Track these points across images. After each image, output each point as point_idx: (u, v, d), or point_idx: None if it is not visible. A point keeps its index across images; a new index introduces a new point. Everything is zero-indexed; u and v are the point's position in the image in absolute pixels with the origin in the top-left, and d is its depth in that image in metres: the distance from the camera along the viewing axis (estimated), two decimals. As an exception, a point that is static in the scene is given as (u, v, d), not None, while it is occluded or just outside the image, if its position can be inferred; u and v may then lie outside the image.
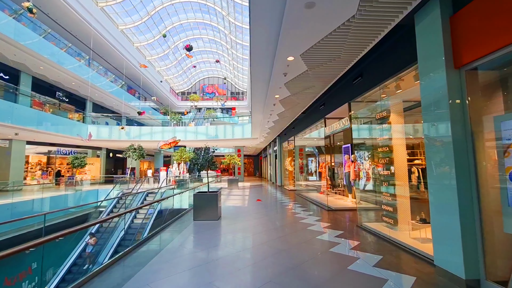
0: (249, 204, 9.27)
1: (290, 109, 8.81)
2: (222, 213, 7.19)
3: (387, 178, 5.01)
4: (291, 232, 5.23)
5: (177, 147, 18.23)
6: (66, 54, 17.12)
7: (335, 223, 5.91)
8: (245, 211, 7.86)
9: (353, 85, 5.67)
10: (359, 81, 5.39)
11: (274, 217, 6.91)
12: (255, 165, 39.99)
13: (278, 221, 6.33)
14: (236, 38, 28.81)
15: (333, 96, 7.12)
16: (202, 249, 4.23)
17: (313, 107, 9.01)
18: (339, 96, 6.69)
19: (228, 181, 15.40)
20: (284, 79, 5.94)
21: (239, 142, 21.06)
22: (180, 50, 36.08)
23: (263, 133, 15.70)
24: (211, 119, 28.33)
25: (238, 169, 22.49)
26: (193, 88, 48.31)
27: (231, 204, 9.23)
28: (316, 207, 8.28)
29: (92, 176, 23.07)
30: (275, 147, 19.04)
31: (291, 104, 8.24)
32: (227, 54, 36.39)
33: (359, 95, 5.45)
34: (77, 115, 22.79)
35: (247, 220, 6.51)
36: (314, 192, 12.82)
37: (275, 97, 7.44)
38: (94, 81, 20.84)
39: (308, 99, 7.69)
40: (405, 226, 4.77)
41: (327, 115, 7.75)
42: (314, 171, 16.89)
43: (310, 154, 18.32)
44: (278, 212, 7.65)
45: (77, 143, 20.47)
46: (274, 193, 13.08)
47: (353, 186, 8.30)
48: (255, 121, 12.43)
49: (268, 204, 9.37)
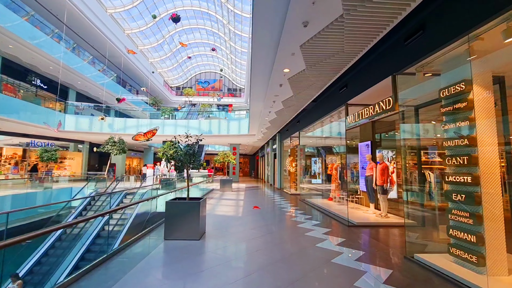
0: (244, 212, 7.38)
1: (299, 93, 6.94)
2: (207, 228, 5.29)
3: (463, 187, 3.15)
4: (309, 267, 3.36)
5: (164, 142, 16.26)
6: (40, 32, 15.02)
7: (370, 251, 4.04)
8: (239, 224, 5.96)
9: (404, 46, 3.80)
10: (417, 38, 3.53)
11: (279, 236, 5.03)
12: (251, 165, 38.10)
13: (285, 244, 4.44)
14: (235, 28, 26.93)
15: (364, 71, 5.26)
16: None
17: (327, 93, 7.16)
18: (374, 70, 4.84)
19: (221, 182, 13.48)
20: (300, 36, 4.07)
21: (234, 139, 19.15)
22: (175, 41, 34.04)
23: (261, 128, 13.82)
24: (206, 115, 26.34)
25: (233, 169, 20.57)
26: (188, 83, 46.25)
27: (221, 213, 7.32)
28: (330, 220, 6.42)
29: (72, 172, 20.95)
30: (274, 145, 17.18)
31: (303, 85, 6.36)
32: (224, 47, 34.45)
33: (416, 60, 3.59)
34: (59, 104, 20.72)
35: (241, 240, 4.62)
36: (320, 197, 10.98)
37: (283, 73, 5.56)
38: (77, 68, 18.78)
39: (327, 75, 5.81)
40: (498, 268, 2.93)
41: (351, 100, 5.90)
42: (318, 173, 15.08)
43: (311, 154, 16.50)
44: (283, 228, 5.76)
45: (55, 135, 18.36)
46: (273, 198, 11.19)
47: (380, 194, 6.46)
48: (253, 112, 10.54)
49: (268, 213, 7.47)
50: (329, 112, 7.04)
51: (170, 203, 4.58)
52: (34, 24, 14.92)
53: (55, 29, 16.06)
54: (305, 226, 5.72)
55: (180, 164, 4.84)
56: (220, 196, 11.44)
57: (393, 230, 5.44)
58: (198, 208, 4.55)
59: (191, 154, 4.86)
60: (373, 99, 5.71)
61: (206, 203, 9.57)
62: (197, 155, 4.92)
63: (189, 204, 4.58)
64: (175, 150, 4.80)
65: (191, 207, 4.56)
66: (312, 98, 7.39)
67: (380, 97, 5.24)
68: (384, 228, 5.56)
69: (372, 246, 4.33)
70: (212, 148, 32.68)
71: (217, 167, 36.21)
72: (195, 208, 4.55)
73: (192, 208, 4.55)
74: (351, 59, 4.96)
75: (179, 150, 4.77)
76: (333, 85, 6.52)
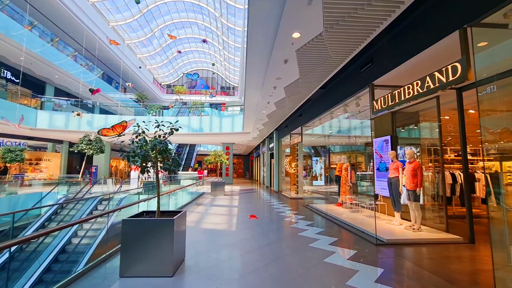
0: (238, 224, 5.91)
1: (308, 74, 5.51)
2: (188, 252, 3.80)
3: None
4: None
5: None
6: (5, 16, 13.25)
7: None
8: (232, 244, 4.50)
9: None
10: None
11: (288, 265, 3.58)
12: (245, 165, 36.60)
13: (300, 281, 3.00)
14: (228, 21, 25.47)
15: (403, 35, 3.89)
16: None
17: (342, 74, 5.78)
18: (424, 28, 3.46)
19: (212, 184, 11.96)
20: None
21: (228, 137, 17.66)
22: (164, 36, 32.32)
23: (257, 125, 12.38)
24: (198, 112, 24.71)
25: (226, 170, 19.05)
26: (179, 81, 44.48)
27: (210, 225, 5.83)
28: (349, 235, 5.01)
29: (49, 175, 19.06)
30: (271, 144, 15.76)
31: (314, 61, 4.94)
32: (217, 43, 32.92)
33: None
34: (34, 100, 18.84)
35: (236, 277, 3.16)
36: (323, 201, 9.57)
37: (291, 40, 4.12)
38: (53, 60, 16.98)
39: (348, 45, 4.39)
40: None
41: (378, 80, 4.52)
42: (320, 174, 13.74)
43: (306, 154, 15.18)
44: (291, 249, 4.32)
45: (28, 133, 16.50)
46: (271, 203, 9.75)
47: (411, 200, 5.10)
48: (249, 105, 9.09)
49: (269, 225, 6.02)
50: (345, 99, 5.65)
51: (128, 222, 3.09)
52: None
53: (23, 13, 14.23)
54: (320, 245, 4.29)
55: (146, 164, 3.37)
56: (211, 201, 9.93)
57: (439, 249, 4.07)
58: (171, 229, 3.08)
59: (162, 150, 3.39)
60: (405, 78, 4.36)
61: (194, 211, 8.10)
62: (169, 151, 3.44)
63: (158, 224, 3.09)
64: (140, 145, 3.31)
65: (161, 227, 3.08)
66: (322, 82, 5.97)
67: (415, 75, 3.89)
68: (427, 248, 4.18)
69: (421, 282, 2.92)
70: (204, 148, 31.09)
71: (210, 168, 34.60)
72: (166, 230, 3.07)
73: (162, 229, 3.07)
74: (385, 18, 3.56)
75: (145, 145, 3.29)
76: (351, 63, 5.13)
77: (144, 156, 3.26)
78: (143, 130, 3.39)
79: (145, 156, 3.24)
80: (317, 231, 5.32)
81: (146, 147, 3.29)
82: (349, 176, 8.01)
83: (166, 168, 3.55)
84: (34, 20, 16.13)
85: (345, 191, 7.95)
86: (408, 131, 7.17)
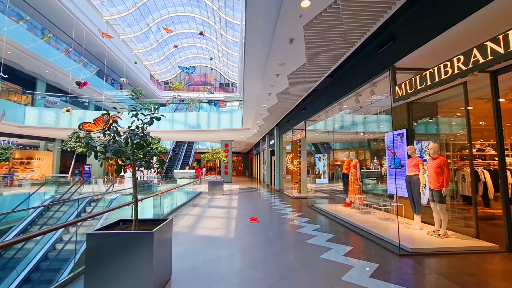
0: (237, 230, 5.24)
1: (317, 57, 4.80)
2: (176, 266, 3.13)
3: None
4: None
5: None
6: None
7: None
8: (230, 255, 3.83)
9: None
10: None
11: (300, 284, 2.91)
12: (245, 163, 35.93)
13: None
14: (226, 15, 24.68)
15: (433, 5, 3.20)
16: None
17: (356, 58, 5.09)
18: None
19: (210, 183, 11.28)
20: None
21: (226, 134, 16.96)
22: (161, 31, 31.47)
23: (257, 120, 11.68)
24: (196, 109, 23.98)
25: (225, 168, 18.38)
26: (177, 77, 43.65)
27: (204, 231, 5.16)
28: (365, 242, 4.34)
29: (41, 174, 18.34)
30: (271, 141, 15.08)
31: (324, 41, 4.24)
32: (215, 37, 32.09)
33: None
34: (25, 97, 18.08)
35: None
36: (328, 200, 8.90)
37: (299, 11, 3.41)
38: (42, 54, 16.19)
39: (367, 18, 3.69)
40: None
41: (400, 62, 3.83)
42: (323, 171, 13.09)
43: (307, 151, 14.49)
44: (301, 262, 3.65)
45: (17, 131, 15.77)
46: (273, 203, 9.08)
47: (436, 202, 4.44)
48: (249, 98, 8.39)
49: (272, 230, 5.35)
50: (357, 87, 4.95)
51: (95, 237, 2.40)
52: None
53: (12, 6, 13.46)
54: (334, 257, 3.63)
55: (124, 162, 2.68)
56: (208, 202, 9.25)
57: (475, 260, 3.41)
58: (150, 244, 2.40)
59: (140, 145, 2.70)
60: (433, 59, 3.67)
61: (189, 213, 7.40)
62: (150, 146, 2.76)
63: (132, 238, 2.41)
64: (112, 137, 2.62)
65: (137, 243, 2.39)
66: (332, 67, 5.25)
67: (444, 55, 3.22)
68: (460, 259, 3.52)
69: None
70: (203, 146, 30.37)
71: (210, 166, 33.91)
72: (143, 245, 2.39)
73: (139, 245, 2.39)
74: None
75: (117, 137, 2.60)
76: (367, 43, 4.43)
77: (116, 152, 2.56)
78: (114, 118, 2.69)
79: (117, 152, 2.55)
80: (327, 237, 4.65)
81: (119, 140, 2.60)
82: (359, 174, 7.35)
83: (147, 167, 2.87)
84: (21, 12, 15.33)
85: (354, 190, 7.28)
86: (425, 125, 6.50)
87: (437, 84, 3.07)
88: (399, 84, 3.76)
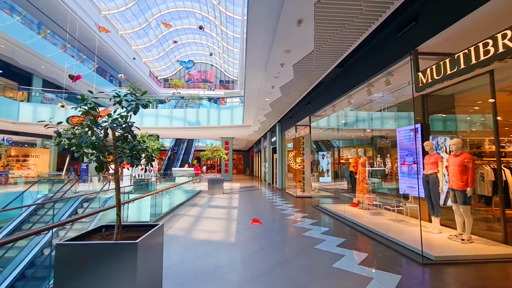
0: (238, 234, 4.80)
1: (327, 41, 4.33)
2: (167, 281, 2.70)
3: None
4: None
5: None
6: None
7: None
8: (231, 264, 3.39)
9: None
10: None
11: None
12: (245, 161, 35.50)
13: None
14: (226, 10, 24.15)
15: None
16: None
17: (372, 42, 4.62)
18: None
19: (209, 182, 10.85)
20: None
21: (227, 131, 16.51)
22: (160, 27, 30.94)
23: (259, 116, 11.23)
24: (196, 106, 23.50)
25: (225, 166, 17.94)
26: (177, 74, 43.13)
27: (202, 235, 4.72)
28: (381, 248, 3.89)
29: (37, 172, 17.93)
30: (273, 138, 14.63)
31: (336, 22, 3.77)
32: (215, 33, 31.54)
33: None
34: (21, 93, 17.67)
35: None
36: (332, 200, 8.41)
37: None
38: (37, 49, 15.72)
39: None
40: None
41: (424, 45, 3.37)
42: (327, 169, 12.65)
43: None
44: (312, 274, 3.22)
45: (11, 128, 15.33)
46: (276, 202, 8.65)
47: (460, 203, 4.00)
48: (250, 92, 7.93)
49: (276, 234, 4.92)
50: (371, 76, 4.49)
51: (65, 248, 1.97)
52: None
53: None
54: (348, 266, 3.19)
55: (104, 157, 2.24)
56: (208, 201, 8.83)
57: (511, 270, 2.97)
58: (133, 256, 1.96)
59: (124, 138, 2.26)
60: (461, 42, 3.21)
61: (187, 214, 6.98)
62: (134, 137, 2.32)
63: (112, 250, 1.97)
64: (87, 127, 2.18)
65: (117, 255, 1.96)
66: (344, 54, 4.77)
67: (474, 37, 2.77)
68: (492, 269, 3.08)
69: None
70: (203, 143, 29.93)
71: (210, 164, 33.50)
72: (125, 259, 1.95)
73: (119, 258, 1.96)
74: None
75: (92, 127, 2.15)
76: (383, 27, 3.97)
77: (94, 146, 2.12)
78: (90, 103, 2.24)
79: (94, 145, 2.10)
80: (337, 241, 4.21)
81: (96, 132, 2.15)
82: (367, 172, 6.91)
83: (131, 163, 2.42)
84: (16, 5, 14.85)
85: (362, 190, 6.84)
86: (442, 120, 6.03)
87: (474, 66, 2.61)
88: (423, 70, 3.30)
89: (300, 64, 5.23)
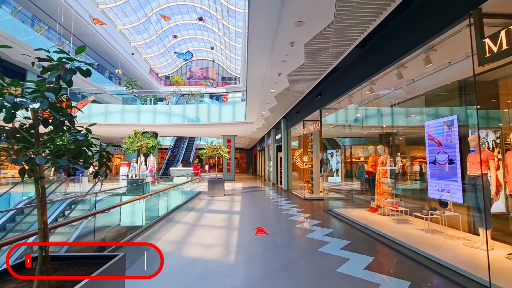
0: (240, 249, 3.93)
1: (350, 8, 3.43)
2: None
3: None
4: None
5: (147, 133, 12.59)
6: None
7: None
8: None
9: None
10: None
11: None
12: (248, 160, 34.61)
13: None
14: (228, 3, 23.25)
15: None
16: None
17: (402, 15, 3.72)
18: None
19: (209, 182, 10.00)
20: None
21: (229, 128, 15.64)
22: (161, 23, 30.13)
23: (263, 111, 10.34)
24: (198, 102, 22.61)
25: (227, 165, 17.10)
26: (178, 72, 42.32)
27: (194, 252, 3.85)
28: (423, 272, 2.99)
29: (32, 171, 17.18)
30: (277, 135, 13.74)
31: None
32: (217, 29, 30.63)
33: None
34: (16, 89, 16.91)
35: None
36: (353, 205, 7.48)
37: None
38: (27, 42, 14.97)
39: None
40: None
41: (488, 1, 2.46)
42: (336, 169, 11.71)
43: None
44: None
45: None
46: (283, 206, 7.77)
47: None
48: (253, 82, 7.05)
49: (286, 249, 4.05)
50: (406, 53, 3.57)
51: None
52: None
53: None
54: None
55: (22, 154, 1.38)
56: (206, 205, 7.97)
57: None
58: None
59: (57, 124, 1.40)
60: None
61: (181, 221, 6.02)
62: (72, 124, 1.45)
63: None
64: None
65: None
66: (372, 26, 3.83)
67: None
68: None
69: None
70: (204, 141, 29.12)
71: (212, 163, 32.68)
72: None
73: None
74: None
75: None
76: None
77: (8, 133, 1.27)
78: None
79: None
80: (364, 261, 3.32)
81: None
82: (388, 173, 5.99)
83: (84, 165, 1.59)
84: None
85: (383, 193, 5.93)
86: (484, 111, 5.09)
87: None
88: (492, 35, 2.39)
89: (314, 42, 4.32)
